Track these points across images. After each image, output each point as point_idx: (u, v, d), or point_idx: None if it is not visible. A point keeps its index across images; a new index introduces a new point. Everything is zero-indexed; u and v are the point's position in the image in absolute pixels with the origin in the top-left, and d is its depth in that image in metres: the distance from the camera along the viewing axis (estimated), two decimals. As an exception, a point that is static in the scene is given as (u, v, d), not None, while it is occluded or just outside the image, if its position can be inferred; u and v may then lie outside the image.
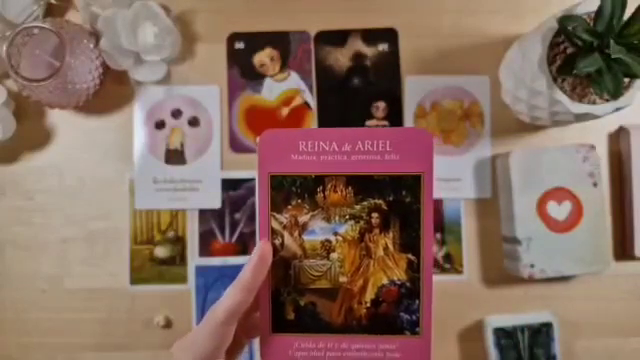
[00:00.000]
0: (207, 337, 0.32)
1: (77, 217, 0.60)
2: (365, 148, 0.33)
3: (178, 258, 0.60)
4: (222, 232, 0.60)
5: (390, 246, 0.34)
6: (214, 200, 0.60)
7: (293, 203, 0.34)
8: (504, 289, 0.60)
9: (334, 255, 0.34)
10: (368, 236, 0.34)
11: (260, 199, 0.34)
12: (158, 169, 0.60)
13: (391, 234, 0.33)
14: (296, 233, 0.34)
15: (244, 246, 0.60)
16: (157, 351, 0.59)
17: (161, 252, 0.60)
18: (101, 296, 0.60)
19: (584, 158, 0.56)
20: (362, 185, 0.33)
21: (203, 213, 0.60)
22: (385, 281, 0.34)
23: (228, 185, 0.60)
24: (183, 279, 0.60)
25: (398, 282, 0.34)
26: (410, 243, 0.33)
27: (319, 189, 0.33)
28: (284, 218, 0.34)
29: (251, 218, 0.60)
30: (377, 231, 0.34)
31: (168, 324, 0.59)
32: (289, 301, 0.34)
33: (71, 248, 0.60)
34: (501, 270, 0.60)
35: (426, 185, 0.33)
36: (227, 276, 0.59)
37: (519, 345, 0.58)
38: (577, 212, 0.56)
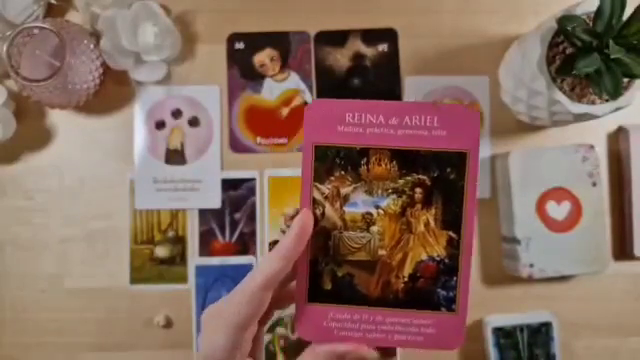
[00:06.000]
0: (243, 303, 0.31)
1: (77, 217, 0.60)
2: (412, 123, 0.32)
3: (178, 258, 0.60)
4: (222, 232, 0.60)
5: (431, 222, 0.33)
6: (214, 200, 0.60)
7: (336, 174, 0.33)
8: (503, 289, 0.60)
9: (374, 228, 0.34)
10: (410, 211, 0.33)
11: (303, 169, 0.33)
12: (158, 169, 0.60)
13: (433, 210, 0.33)
14: (337, 204, 0.34)
15: (244, 246, 0.60)
16: (157, 351, 0.59)
17: (161, 252, 0.60)
18: (101, 296, 0.60)
19: (583, 158, 0.57)
20: (407, 160, 0.33)
21: (203, 213, 0.60)
22: (424, 256, 0.33)
23: (228, 185, 0.60)
24: (183, 279, 0.60)
25: (437, 258, 0.33)
26: (452, 220, 0.33)
27: (363, 162, 0.33)
28: (326, 189, 0.33)
29: (251, 218, 0.60)
30: (419, 206, 0.33)
31: (168, 324, 0.60)
32: (327, 271, 0.34)
33: (71, 248, 0.60)
34: (500, 270, 0.60)
35: (471, 163, 0.33)
36: (227, 276, 0.59)
37: (518, 345, 0.58)
38: (576, 212, 0.56)
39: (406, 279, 0.34)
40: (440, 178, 0.33)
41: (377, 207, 0.33)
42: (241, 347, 0.32)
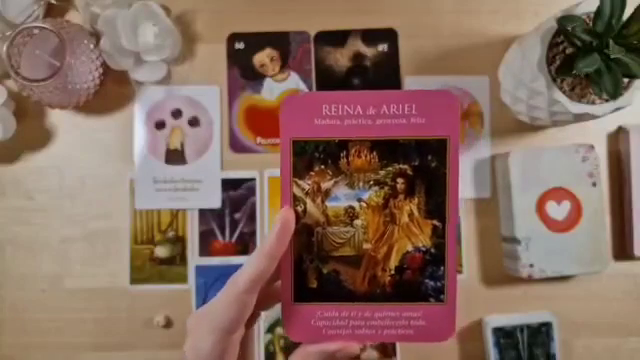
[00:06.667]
0: (227, 307, 0.31)
1: (77, 217, 0.60)
2: (390, 112, 0.32)
3: (178, 258, 0.60)
4: (222, 232, 0.60)
5: (415, 212, 0.33)
6: (214, 200, 0.60)
7: (316, 169, 0.33)
8: (503, 289, 0.60)
9: (358, 222, 0.33)
10: (393, 202, 0.33)
11: (282, 165, 0.33)
12: (158, 169, 0.60)
13: (416, 200, 0.33)
14: (319, 200, 0.33)
15: (244, 246, 0.60)
16: (157, 351, 0.59)
17: (161, 252, 0.60)
18: (101, 296, 0.60)
19: (583, 158, 0.57)
20: (387, 150, 0.32)
21: (203, 213, 0.60)
22: (410, 248, 0.33)
23: (228, 185, 0.60)
24: (183, 279, 0.60)
25: (423, 248, 0.33)
26: (435, 209, 0.33)
27: (342, 154, 0.33)
28: (306, 184, 0.33)
29: (251, 218, 0.60)
30: (402, 197, 0.33)
31: (168, 324, 0.60)
32: (312, 269, 0.33)
33: (71, 248, 0.60)
34: (500, 270, 0.60)
35: (452, 149, 0.32)
36: (227, 276, 0.59)
37: (518, 345, 0.58)
38: (576, 212, 0.56)
39: (393, 272, 0.33)
40: (421, 167, 0.32)
41: (359, 200, 0.33)
42: (228, 352, 0.31)
